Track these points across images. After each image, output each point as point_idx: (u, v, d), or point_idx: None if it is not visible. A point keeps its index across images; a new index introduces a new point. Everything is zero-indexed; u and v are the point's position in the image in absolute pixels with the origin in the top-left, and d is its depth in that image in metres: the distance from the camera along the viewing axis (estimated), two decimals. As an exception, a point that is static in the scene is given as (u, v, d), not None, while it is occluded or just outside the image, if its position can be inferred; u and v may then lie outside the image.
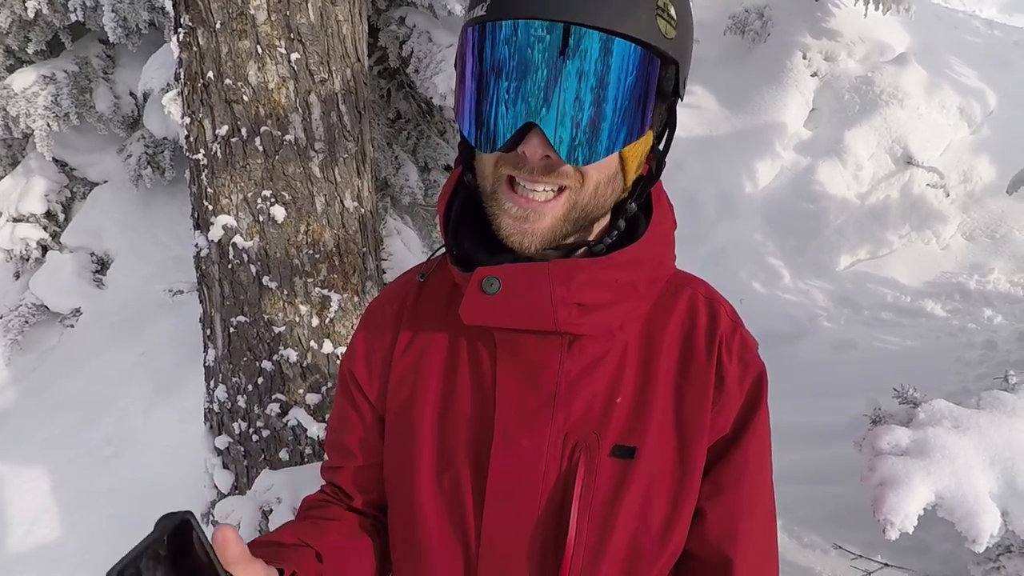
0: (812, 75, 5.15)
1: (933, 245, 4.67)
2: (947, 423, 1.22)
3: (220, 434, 2.28)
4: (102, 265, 4.42)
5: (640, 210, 0.73)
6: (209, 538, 0.54)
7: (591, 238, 0.71)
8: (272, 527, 1.83)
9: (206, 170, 2.11)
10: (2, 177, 4.70)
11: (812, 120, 5.13)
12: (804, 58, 5.14)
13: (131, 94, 4.43)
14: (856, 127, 4.87)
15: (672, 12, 0.62)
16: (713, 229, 4.70)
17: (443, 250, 0.77)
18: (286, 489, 1.87)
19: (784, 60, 5.11)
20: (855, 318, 4.19)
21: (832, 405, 3.19)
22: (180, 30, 2.06)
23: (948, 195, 4.74)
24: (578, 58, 0.58)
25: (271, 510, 1.89)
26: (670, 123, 0.71)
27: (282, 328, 2.15)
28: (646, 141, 0.68)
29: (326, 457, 0.88)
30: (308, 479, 1.88)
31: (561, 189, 0.64)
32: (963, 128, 5.04)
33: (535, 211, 0.63)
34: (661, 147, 0.72)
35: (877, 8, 4.83)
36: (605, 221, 0.72)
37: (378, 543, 0.82)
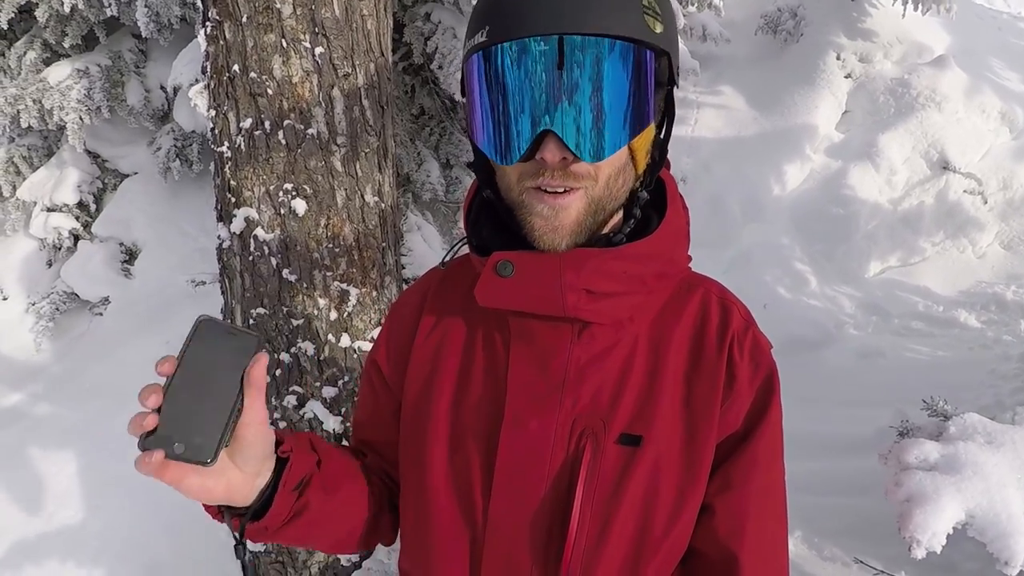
0: (846, 76, 5.03)
1: (969, 253, 4.52)
2: (980, 438, 1.17)
3: (237, 425, 2.29)
4: (130, 255, 4.51)
5: (654, 208, 0.77)
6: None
7: (605, 231, 0.75)
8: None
9: (230, 162, 2.12)
10: (37, 168, 4.82)
11: (844, 123, 5.01)
12: (838, 59, 5.02)
13: (162, 88, 4.50)
14: (891, 130, 4.74)
15: (657, 8, 0.67)
16: (739, 232, 4.62)
17: (464, 240, 0.82)
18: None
19: (817, 61, 5.00)
20: (884, 326, 4.08)
21: (858, 415, 3.11)
22: (208, 24, 2.08)
23: (986, 202, 4.59)
24: (578, 64, 0.63)
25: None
26: (668, 112, 0.75)
27: (300, 321, 2.15)
28: (651, 131, 0.73)
29: (352, 436, 0.94)
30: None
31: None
32: (1004, 133, 4.88)
33: (561, 207, 0.68)
34: (663, 135, 0.76)
35: (916, 8, 4.70)
36: (619, 216, 0.76)
37: (375, 500, 0.86)
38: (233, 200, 2.14)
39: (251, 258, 2.14)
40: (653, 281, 0.74)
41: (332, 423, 2.19)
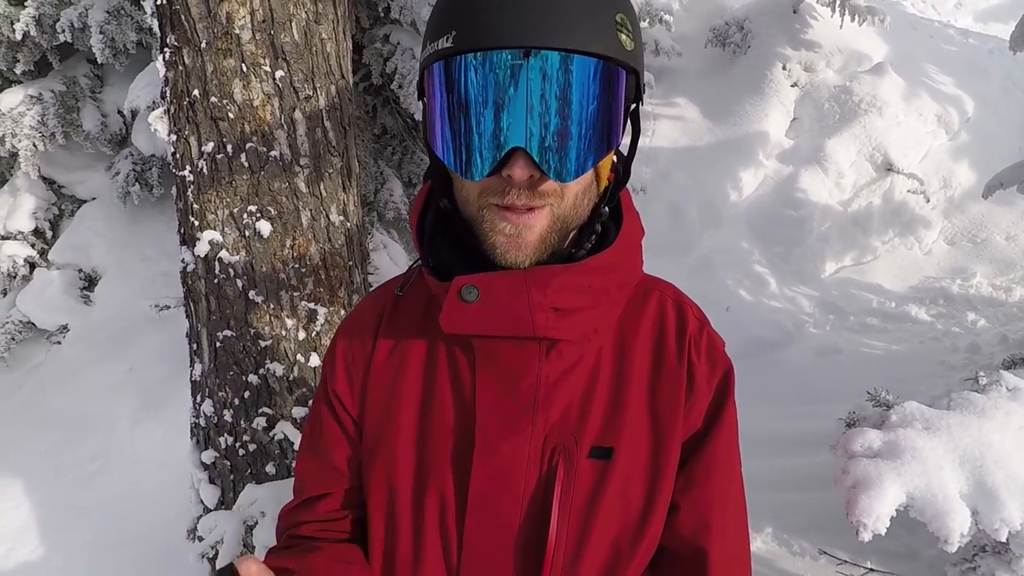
0: (792, 85, 5.24)
1: (916, 250, 4.74)
2: (918, 425, 1.25)
3: (207, 449, 2.27)
4: (90, 281, 4.41)
5: (611, 218, 0.76)
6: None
7: (565, 246, 0.72)
8: (256, 541, 1.83)
9: (192, 186, 2.12)
10: (-11, 196, 4.69)
11: (793, 129, 5.21)
12: (784, 69, 5.23)
13: (119, 112, 4.44)
14: (836, 135, 4.95)
15: (628, 25, 0.65)
16: (699, 238, 4.75)
17: (419, 262, 0.78)
18: (270, 503, 1.87)
19: (764, 71, 5.20)
20: (841, 324, 4.23)
21: (819, 411, 3.22)
22: (166, 49, 2.08)
23: (929, 201, 4.82)
24: (553, 80, 0.60)
25: (255, 524, 1.89)
26: (633, 129, 0.72)
27: (268, 342, 2.15)
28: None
29: (304, 488, 0.84)
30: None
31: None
32: (941, 135, 5.13)
33: (525, 225, 0.65)
34: (626, 152, 0.74)
35: (853, 19, 4.93)
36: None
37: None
38: (197, 223, 2.14)
39: (216, 281, 2.14)
40: (616, 291, 0.73)
41: (304, 443, 2.19)
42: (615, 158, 0.74)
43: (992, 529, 1.14)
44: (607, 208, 0.73)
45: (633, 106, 0.69)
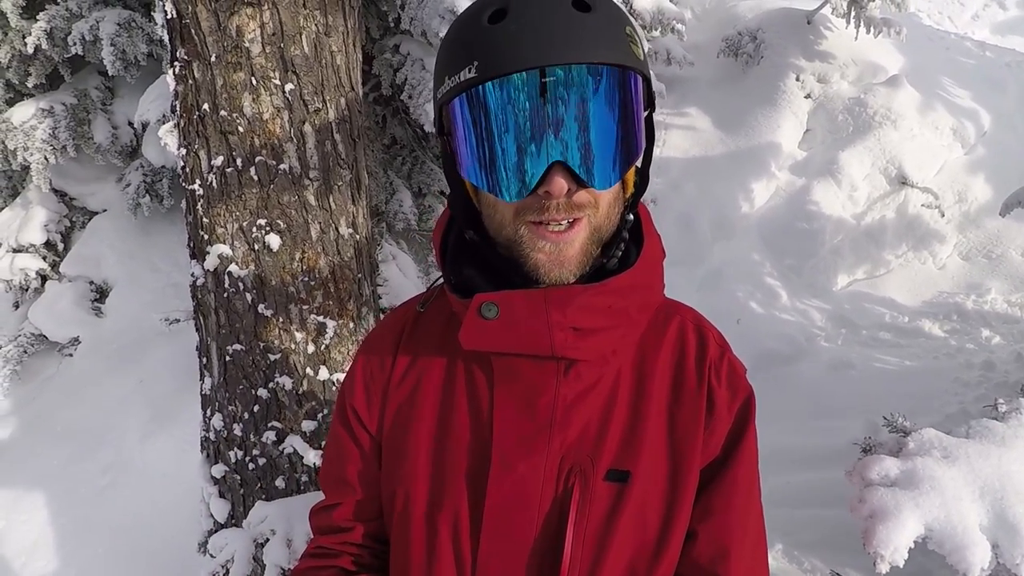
0: (805, 96, 5.20)
1: (930, 265, 4.67)
2: (936, 453, 1.21)
3: (216, 463, 2.26)
4: (101, 294, 4.43)
5: (631, 238, 0.76)
6: None
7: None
8: (266, 559, 1.82)
9: (202, 200, 2.13)
10: (2, 208, 4.73)
11: (806, 141, 5.17)
12: (797, 80, 5.19)
13: (130, 124, 4.47)
14: (850, 148, 4.90)
15: (635, 35, 0.68)
16: (710, 250, 4.71)
17: (441, 280, 0.80)
18: (280, 521, 1.85)
19: (777, 82, 5.16)
20: (853, 338, 4.18)
21: (830, 426, 3.17)
22: (176, 63, 2.09)
23: (943, 215, 4.75)
24: (581, 93, 0.63)
25: (266, 541, 1.88)
26: (649, 135, 0.73)
27: (278, 355, 2.15)
28: None
29: (322, 496, 0.88)
30: (302, 510, 1.87)
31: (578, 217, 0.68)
32: (957, 148, 5.07)
33: (565, 241, 0.67)
34: (640, 162, 0.75)
35: (868, 31, 4.89)
36: None
37: None
38: (206, 237, 2.14)
39: (226, 295, 2.13)
40: (636, 313, 0.73)
41: (312, 457, 2.18)
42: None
43: (1013, 564, 1.11)
44: (632, 215, 0.75)
45: (646, 112, 0.71)
